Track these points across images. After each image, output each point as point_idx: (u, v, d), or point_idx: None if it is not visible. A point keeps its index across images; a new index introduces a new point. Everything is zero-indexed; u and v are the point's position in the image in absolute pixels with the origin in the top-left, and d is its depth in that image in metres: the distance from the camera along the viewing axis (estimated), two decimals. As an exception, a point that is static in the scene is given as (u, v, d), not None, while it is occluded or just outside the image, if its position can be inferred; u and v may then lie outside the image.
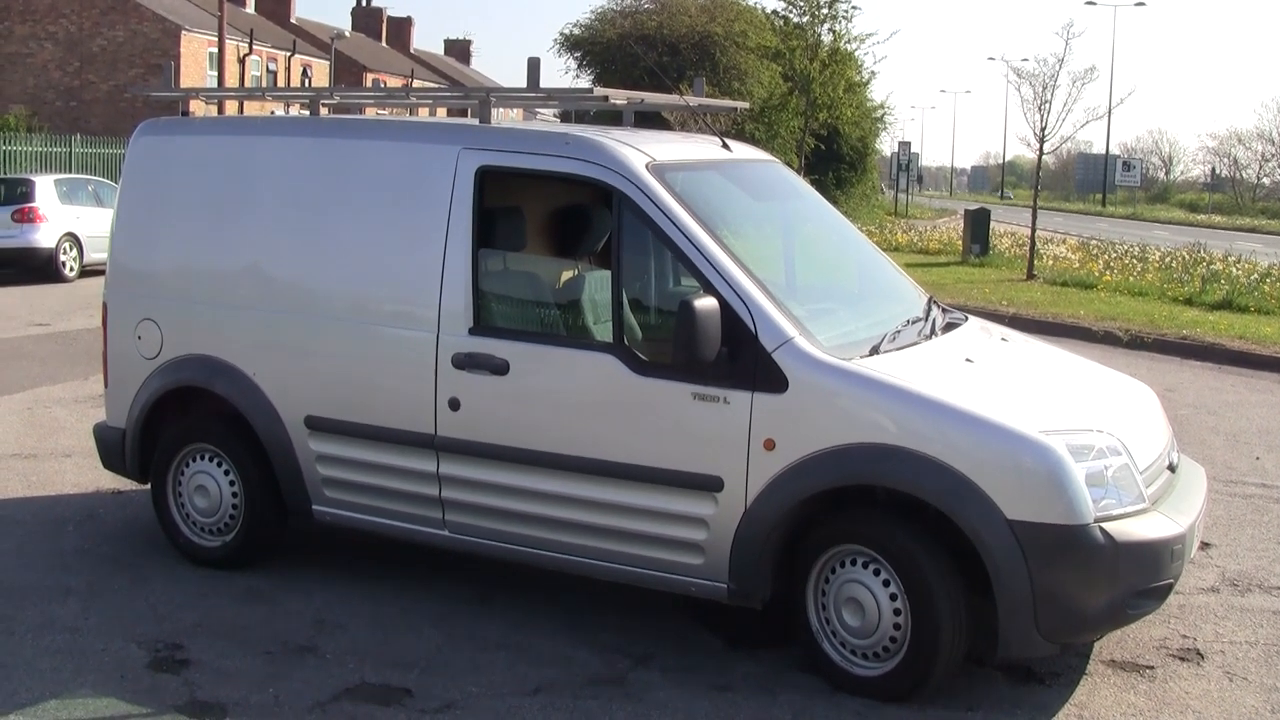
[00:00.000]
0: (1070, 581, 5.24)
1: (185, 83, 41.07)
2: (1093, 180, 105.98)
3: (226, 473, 7.01)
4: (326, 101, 7.58)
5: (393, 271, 6.45)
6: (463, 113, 9.62)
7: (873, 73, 55.85)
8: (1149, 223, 66.22)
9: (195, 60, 46.80)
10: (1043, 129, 25.52)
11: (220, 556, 7.07)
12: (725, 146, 7.00)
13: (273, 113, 16.37)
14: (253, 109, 23.51)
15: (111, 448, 7.48)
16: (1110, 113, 47.58)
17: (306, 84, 54.49)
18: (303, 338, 6.67)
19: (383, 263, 6.49)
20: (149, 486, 7.37)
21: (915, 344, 6.16)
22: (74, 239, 23.54)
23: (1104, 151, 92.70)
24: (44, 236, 23.13)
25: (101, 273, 7.66)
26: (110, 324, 7.38)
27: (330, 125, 7.03)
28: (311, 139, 6.88)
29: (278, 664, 5.87)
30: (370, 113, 10.75)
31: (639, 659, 6.02)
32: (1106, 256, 30.05)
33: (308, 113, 7.28)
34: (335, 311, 6.58)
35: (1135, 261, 28.34)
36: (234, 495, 7.00)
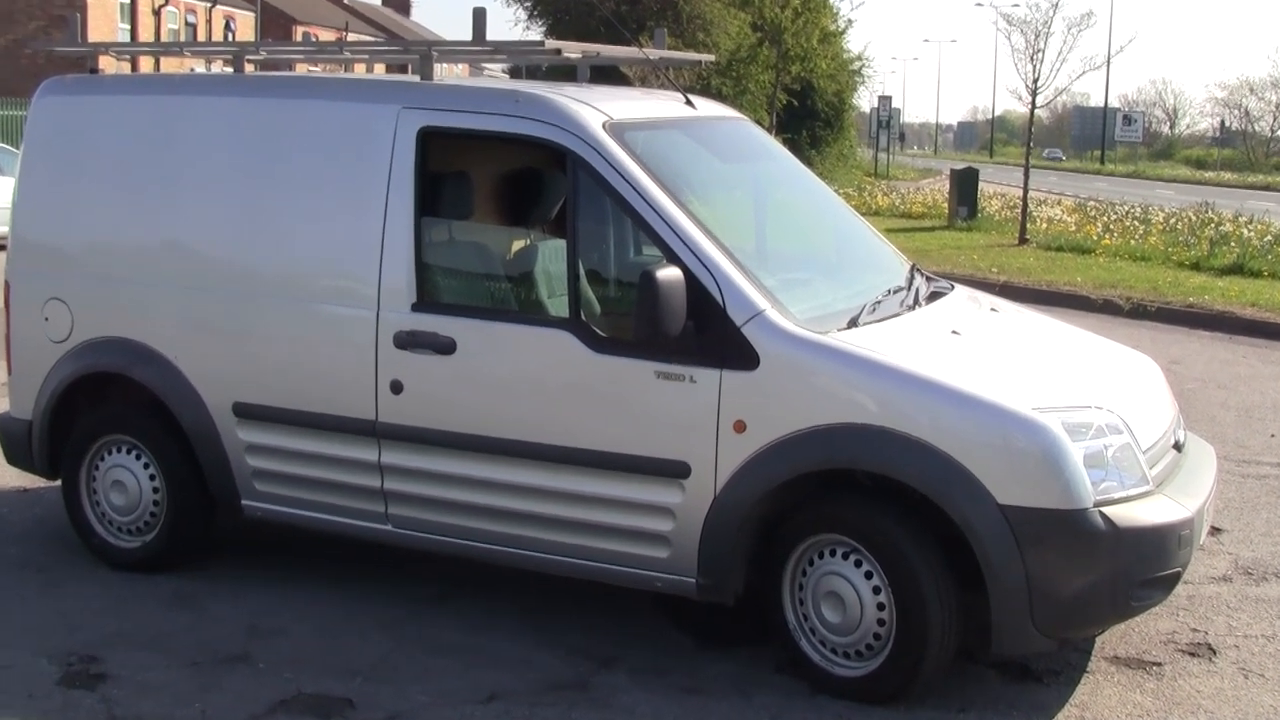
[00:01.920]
0: (1068, 571, 5.30)
1: (93, 37, 40.62)
2: (1090, 136, 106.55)
3: (146, 466, 7.00)
4: (252, 58, 7.56)
5: (328, 244, 6.46)
6: (402, 69, 9.60)
7: (849, 21, 56.18)
8: (1152, 181, 66.58)
9: (104, 12, 46.37)
10: (1035, 81, 25.68)
11: (140, 558, 7.06)
12: (689, 103, 7.02)
13: (193, 70, 16.28)
14: (170, 66, 23.31)
15: (16, 441, 7.44)
16: (1109, 62, 47.71)
17: (230, 38, 54.11)
18: (229, 317, 6.67)
19: (317, 234, 6.49)
20: (59, 483, 7.35)
21: (897, 315, 6.21)
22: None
23: (1103, 104, 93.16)
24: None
25: (2, 248, 7.61)
26: (13, 305, 7.35)
27: (256, 84, 7.02)
28: (235, 99, 6.86)
29: (205, 675, 5.87)
30: (301, 70, 10.71)
31: (603, 661, 6.06)
32: (1105, 218, 30.18)
33: (231, 70, 7.26)
34: (265, 288, 6.58)
35: (1137, 223, 28.49)
36: (155, 491, 6.99)
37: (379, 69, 9.20)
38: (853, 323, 5.85)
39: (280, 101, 6.75)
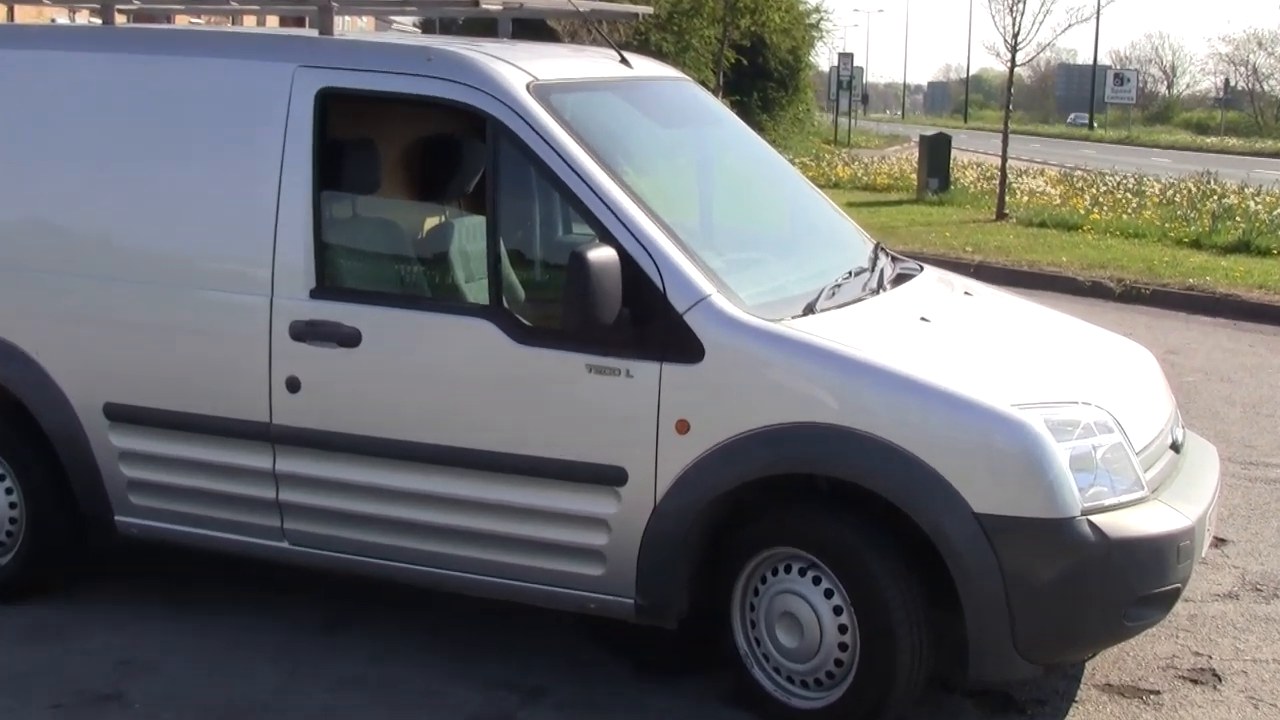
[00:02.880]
0: (1053, 587, 5.34)
1: (-62, -14, 40.11)
2: (1078, 97, 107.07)
3: (1, 478, 6.97)
4: (123, 7, 7.52)
5: (213, 221, 6.44)
6: (299, 22, 9.60)
7: (807, -32, 55.97)
8: (1147, 148, 66.98)
9: (-50, -44, 45.83)
10: (1015, 35, 25.78)
11: (-3, 583, 7.04)
12: (624, 62, 7.04)
13: (54, 21, 16.16)
14: (27, 16, 23.03)
15: None
16: (1098, 14, 48.03)
17: (94, -14, 53.45)
18: (100, 306, 6.63)
19: (200, 211, 6.47)
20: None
21: (860, 301, 6.26)
22: None
23: (1091, 61, 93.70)
24: None
25: None
26: None
27: (129, 38, 6.98)
28: (105, 55, 6.81)
29: (71, 717, 5.85)
30: (181, 22, 10.65)
31: (529, 693, 6.08)
32: (1094, 190, 30.37)
33: (99, 22, 7.22)
34: (141, 272, 6.54)
35: (1130, 196, 28.69)
36: (12, 507, 6.93)
37: (272, 22, 9.16)
38: (809, 309, 5.89)
39: (157, 59, 6.70)
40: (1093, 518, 5.34)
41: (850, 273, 6.52)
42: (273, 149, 6.29)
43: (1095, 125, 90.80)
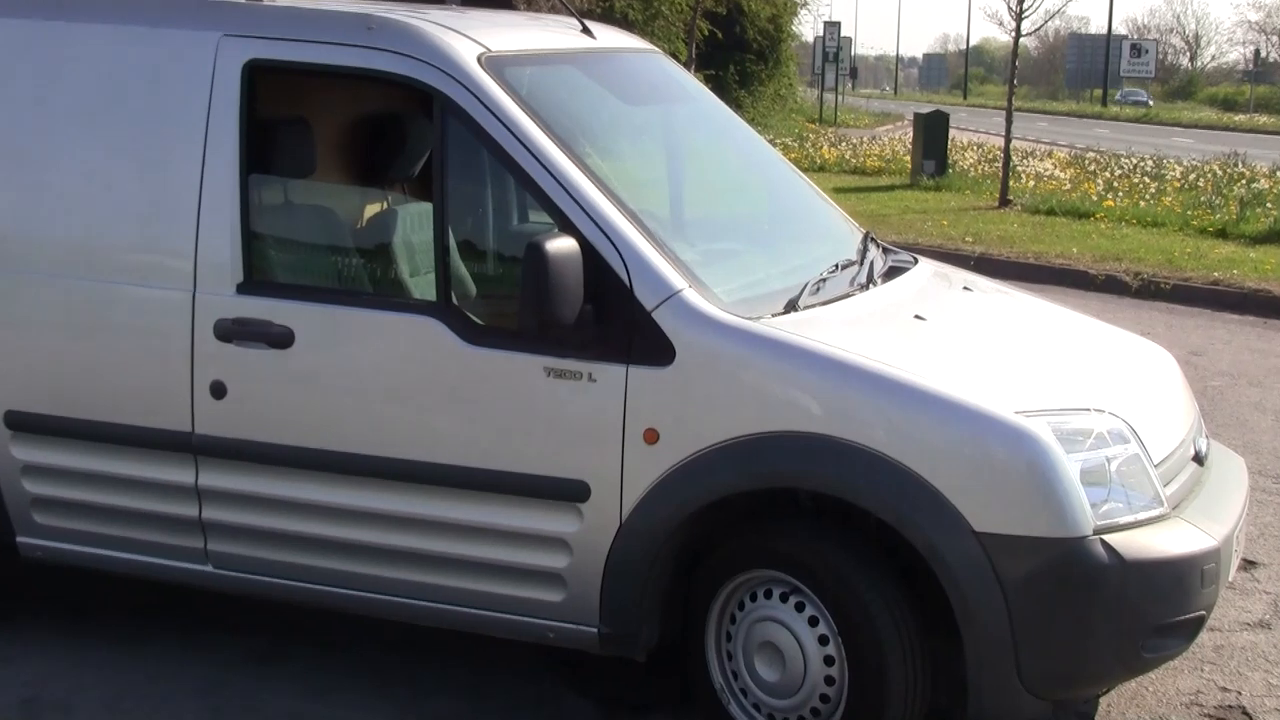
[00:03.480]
0: (1063, 614, 5.33)
1: None
2: (1090, 71, 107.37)
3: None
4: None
5: (128, 208, 6.39)
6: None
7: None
8: (1167, 127, 67.31)
9: None
10: (1020, 2, 25.84)
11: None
12: (587, 32, 7.04)
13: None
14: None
15: None
16: (1113, -21, 48.20)
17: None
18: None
19: (113, 196, 6.42)
20: None
21: (847, 296, 6.26)
22: None
23: (1105, 31, 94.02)
24: None
25: None
26: None
27: (31, 1, 6.92)
28: (7, 20, 6.77)
29: (-30, 762, 5.83)
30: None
31: (481, 734, 6.07)
32: (1108, 174, 30.51)
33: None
34: (46, 264, 6.50)
35: (1148, 180, 28.83)
36: (-97, 526, 6.88)
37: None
38: (791, 305, 5.88)
39: (62, 25, 6.64)
40: (1106, 537, 5.32)
41: (837, 266, 6.50)
42: (195, 128, 6.25)
43: (1109, 102, 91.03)
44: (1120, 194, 25.96)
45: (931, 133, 30.11)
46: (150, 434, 6.31)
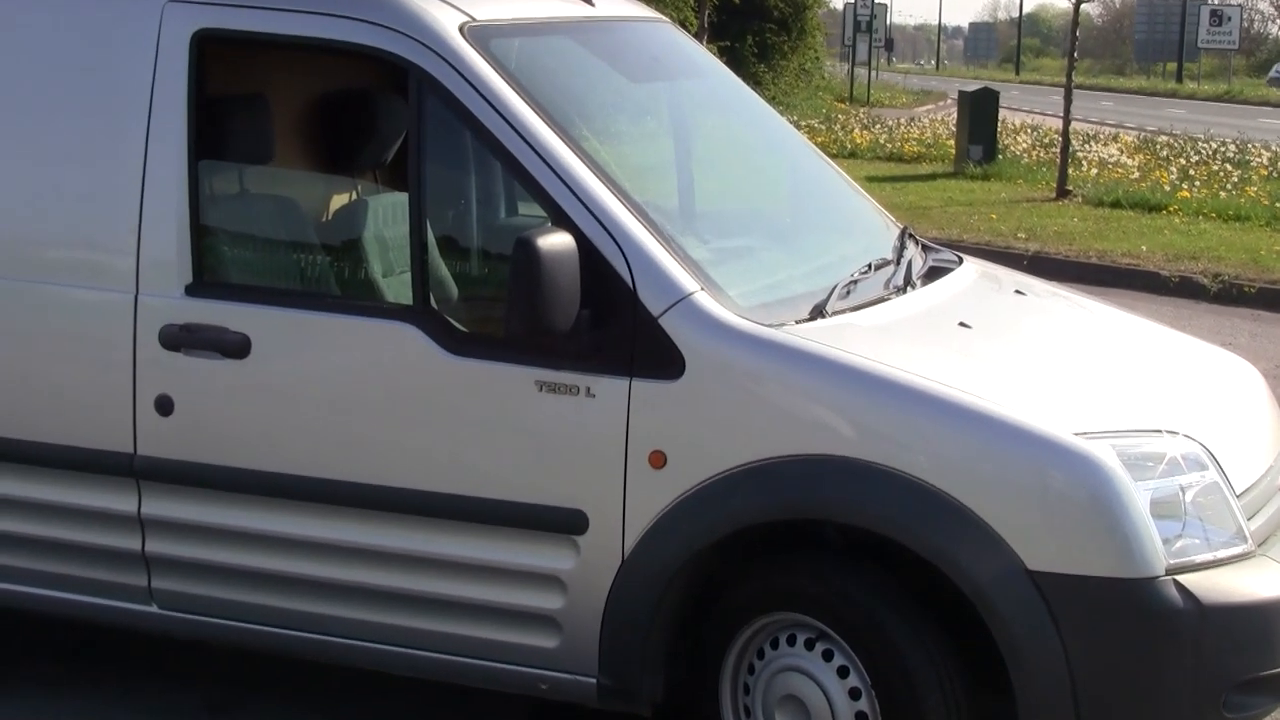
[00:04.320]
0: (1130, 667, 5.30)
1: None
2: (1162, 41, 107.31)
3: None
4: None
5: (59, 198, 6.40)
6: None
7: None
8: (1252, 106, 67.16)
9: None
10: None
11: None
12: (585, -3, 7.02)
13: None
14: None
15: None
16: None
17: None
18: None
19: (41, 183, 6.43)
20: None
21: (882, 301, 6.24)
22: None
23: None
24: None
25: None
26: None
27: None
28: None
29: None
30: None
31: (462, 800, 6.06)
32: (1183, 160, 30.52)
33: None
34: (-33, 263, 6.49)
35: (1229, 168, 28.82)
36: None
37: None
38: (818, 311, 5.87)
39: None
40: (1180, 578, 5.28)
41: (870, 265, 6.49)
42: (136, 107, 6.24)
43: (1184, 78, 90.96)
44: (1197, 183, 25.96)
45: (978, 113, 30.07)
46: (86, 455, 6.29)
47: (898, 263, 6.65)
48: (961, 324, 6.24)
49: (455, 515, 5.84)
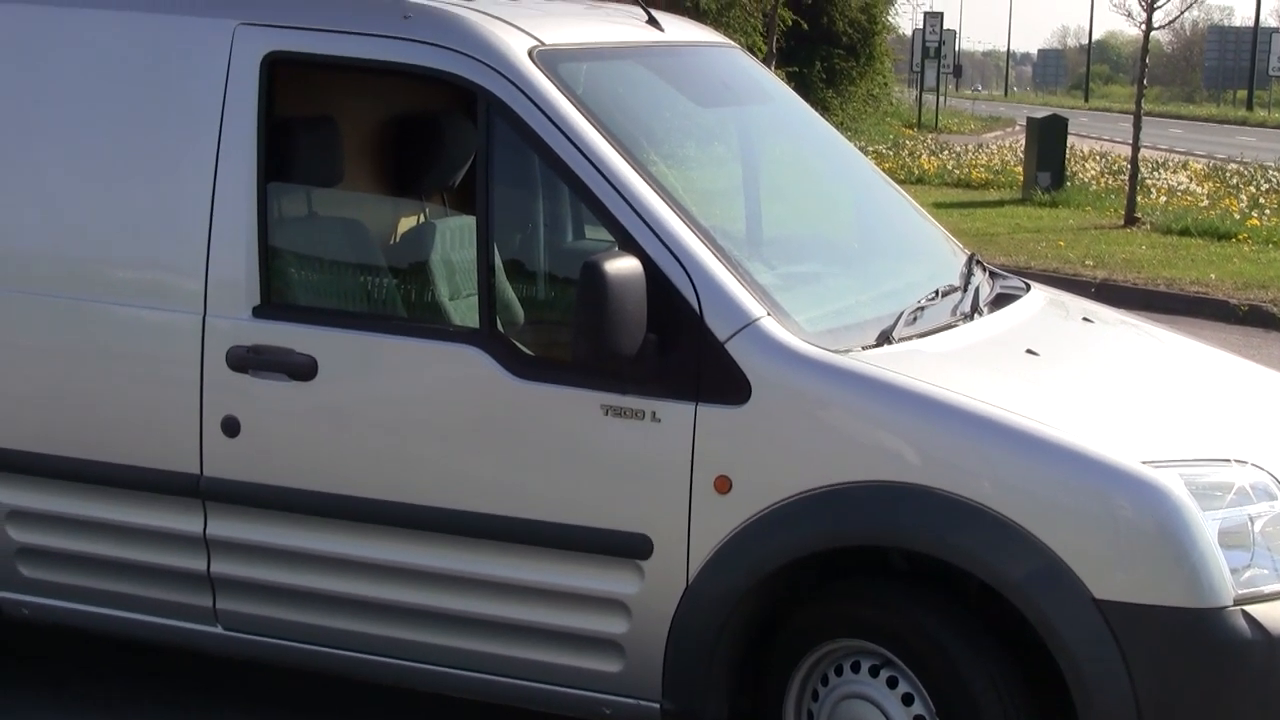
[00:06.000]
0: (1199, 699, 5.27)
1: None
2: (1233, 69, 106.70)
3: None
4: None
5: (129, 219, 6.42)
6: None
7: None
8: (1326, 134, 66.76)
9: None
10: (1153, -11, 25.75)
11: None
12: (653, 23, 7.01)
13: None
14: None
15: None
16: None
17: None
18: (-19, 324, 6.63)
19: (113, 205, 6.45)
20: None
21: (949, 327, 6.23)
22: None
23: (1252, 23, 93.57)
24: None
25: None
26: None
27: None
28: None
29: None
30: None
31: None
32: (1253, 188, 30.35)
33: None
34: (34, 281, 6.51)
35: (1302, 196, 28.66)
36: None
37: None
38: (884, 337, 5.86)
39: (50, 10, 6.68)
40: (1249, 608, 5.25)
41: (936, 292, 6.47)
42: (206, 128, 6.26)
43: (1254, 105, 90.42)
44: (1267, 211, 25.82)
45: (1047, 140, 29.92)
46: (153, 476, 6.32)
47: (965, 289, 6.63)
48: (1029, 351, 6.23)
49: (520, 539, 5.84)
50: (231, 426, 6.17)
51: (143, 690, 7.05)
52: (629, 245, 5.68)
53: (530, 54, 6.04)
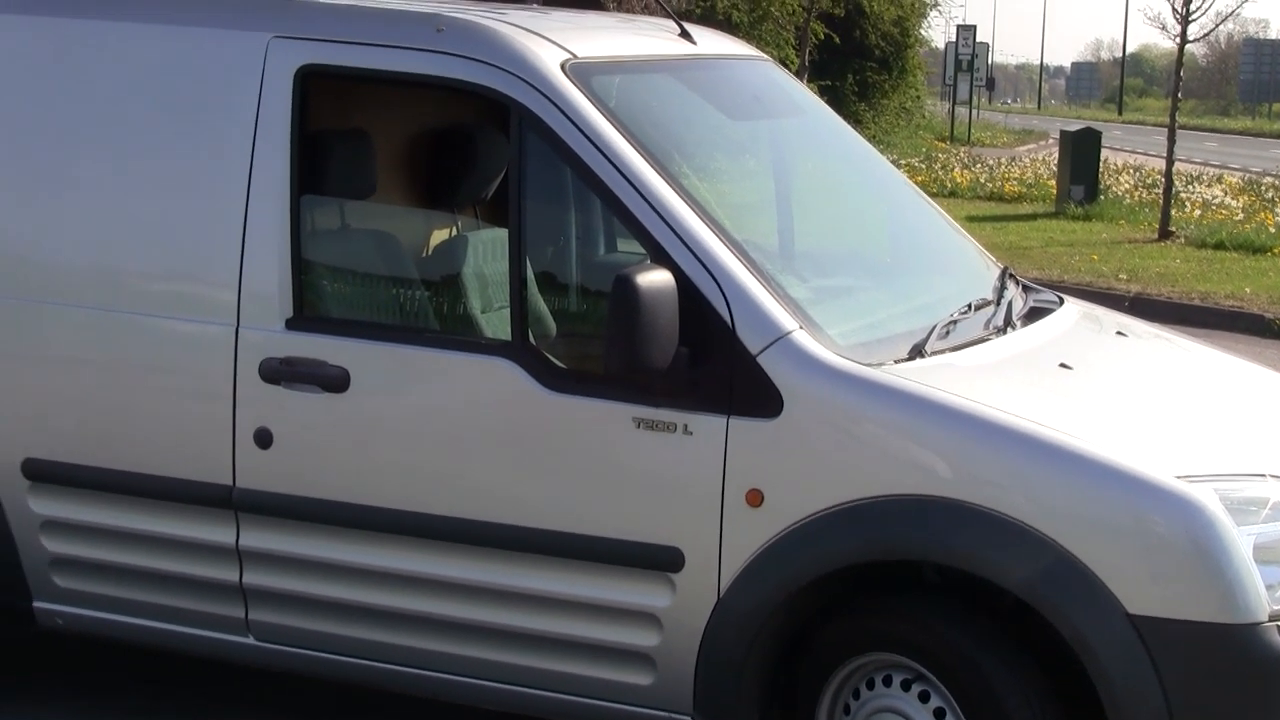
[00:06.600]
0: (1230, 713, 5.26)
1: None
2: (1269, 82, 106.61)
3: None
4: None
5: (163, 230, 6.43)
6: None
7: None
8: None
9: None
10: (1187, 4, 25.67)
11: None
12: (685, 36, 7.03)
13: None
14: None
15: None
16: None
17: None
18: (15, 336, 6.62)
19: (147, 217, 6.46)
20: None
21: (982, 341, 6.22)
22: None
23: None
24: None
25: None
26: None
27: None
28: (24, 18, 6.80)
29: None
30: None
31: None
32: (1289, 202, 30.31)
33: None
34: (68, 293, 6.53)
35: (1339, 209, 28.60)
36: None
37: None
38: (917, 351, 5.85)
39: (94, 24, 6.70)
40: (1283, 624, 5.26)
41: (969, 306, 6.46)
42: (240, 141, 6.28)
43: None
44: (1305, 226, 25.75)
45: (1080, 153, 29.87)
46: (186, 487, 6.32)
47: (998, 303, 6.62)
48: (1062, 365, 6.21)
49: (551, 551, 5.84)
50: (264, 438, 6.18)
51: (179, 702, 7.05)
52: (661, 258, 5.68)
53: (563, 67, 6.04)
